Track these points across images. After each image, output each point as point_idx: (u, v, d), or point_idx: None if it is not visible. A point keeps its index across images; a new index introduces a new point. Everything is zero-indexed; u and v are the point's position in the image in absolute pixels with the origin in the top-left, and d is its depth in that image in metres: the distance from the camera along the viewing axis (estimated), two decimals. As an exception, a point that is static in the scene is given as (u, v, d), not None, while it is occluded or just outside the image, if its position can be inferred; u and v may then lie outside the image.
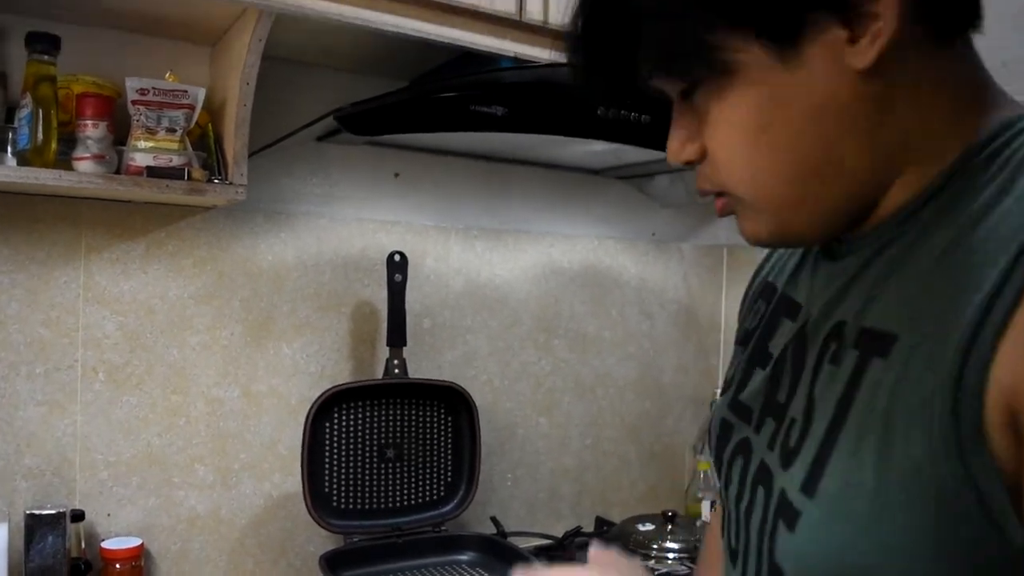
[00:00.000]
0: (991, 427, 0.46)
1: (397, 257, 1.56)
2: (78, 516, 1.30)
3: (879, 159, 0.56)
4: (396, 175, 1.67)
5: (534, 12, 1.38)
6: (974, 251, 0.49)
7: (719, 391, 2.05)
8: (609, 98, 0.63)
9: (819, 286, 0.64)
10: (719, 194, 0.61)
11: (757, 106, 0.54)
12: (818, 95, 0.53)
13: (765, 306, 0.73)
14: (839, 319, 0.58)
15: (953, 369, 0.47)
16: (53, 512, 1.26)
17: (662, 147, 1.49)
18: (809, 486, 0.54)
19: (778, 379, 0.64)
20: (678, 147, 0.60)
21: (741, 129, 0.55)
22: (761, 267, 0.81)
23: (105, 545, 1.32)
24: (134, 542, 1.33)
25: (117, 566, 1.31)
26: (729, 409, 0.71)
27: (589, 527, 1.86)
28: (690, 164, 0.60)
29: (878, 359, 0.52)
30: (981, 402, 0.46)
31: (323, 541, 1.56)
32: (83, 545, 1.31)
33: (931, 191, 0.55)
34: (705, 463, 1.93)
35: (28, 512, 1.26)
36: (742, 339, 0.76)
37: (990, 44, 0.74)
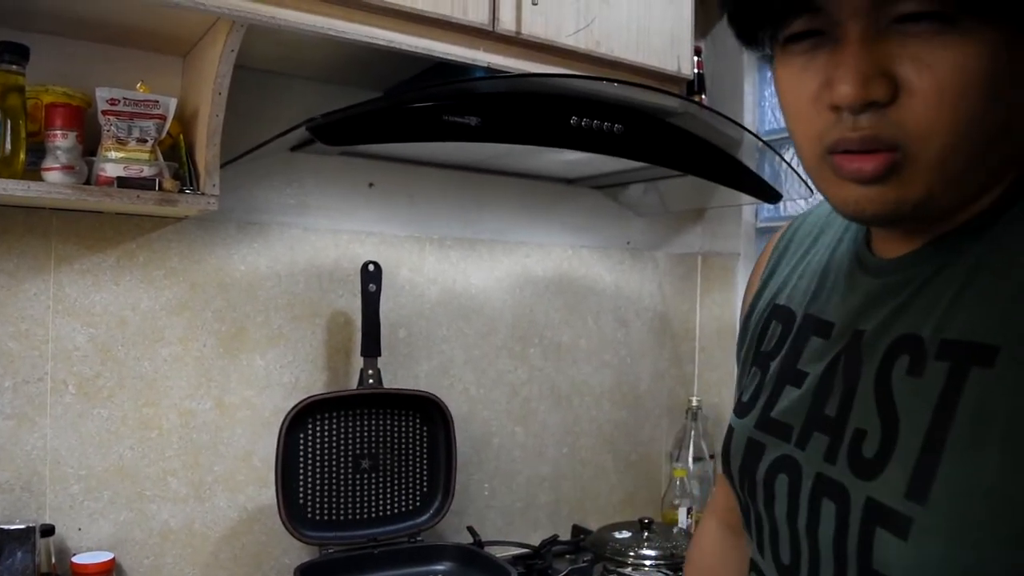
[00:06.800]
0: None
1: (371, 267, 1.55)
2: (48, 531, 1.29)
3: (1007, 160, 0.59)
4: (370, 185, 1.67)
5: (507, 22, 1.39)
6: None
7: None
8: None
9: (860, 304, 0.66)
10: (878, 151, 0.56)
11: (994, 59, 0.53)
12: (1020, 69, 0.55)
13: (783, 328, 0.75)
14: (904, 332, 0.61)
15: None
16: (22, 527, 1.25)
17: (635, 156, 1.51)
18: (917, 492, 0.55)
19: (824, 395, 0.66)
20: (865, 80, 0.54)
21: (976, 78, 0.53)
22: (760, 292, 0.83)
23: (76, 560, 1.30)
24: (106, 556, 1.31)
25: (88, 581, 1.29)
26: (757, 429, 0.72)
27: (566, 535, 1.86)
28: (867, 106, 0.55)
29: (979, 368, 0.54)
30: None
31: (298, 553, 1.55)
32: (53, 560, 1.29)
33: (998, 209, 0.59)
34: (681, 470, 1.94)
35: (-4, 528, 1.24)
36: (757, 361, 0.77)
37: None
